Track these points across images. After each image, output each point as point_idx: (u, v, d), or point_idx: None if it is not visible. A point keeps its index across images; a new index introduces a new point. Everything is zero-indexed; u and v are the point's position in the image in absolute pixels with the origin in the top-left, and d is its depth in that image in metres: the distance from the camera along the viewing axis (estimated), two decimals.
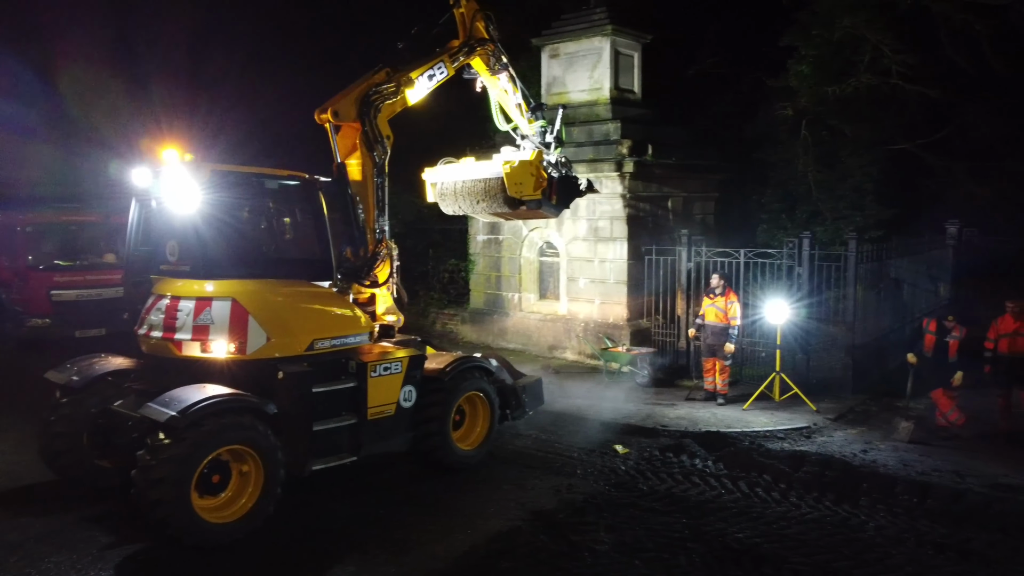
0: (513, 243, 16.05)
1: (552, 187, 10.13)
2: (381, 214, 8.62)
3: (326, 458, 7.52)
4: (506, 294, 16.29)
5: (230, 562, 6.58)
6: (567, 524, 7.37)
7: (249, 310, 7.24)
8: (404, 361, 8.19)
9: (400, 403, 8.14)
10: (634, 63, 16.18)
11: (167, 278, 7.70)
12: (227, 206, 7.48)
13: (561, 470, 8.91)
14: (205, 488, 6.69)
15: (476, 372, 8.91)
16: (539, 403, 10.17)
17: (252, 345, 7.22)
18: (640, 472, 8.82)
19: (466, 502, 7.93)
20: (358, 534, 7.13)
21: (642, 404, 11.90)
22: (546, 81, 16.41)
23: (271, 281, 7.68)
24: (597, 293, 14.83)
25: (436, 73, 9.36)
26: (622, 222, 14.44)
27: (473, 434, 9.05)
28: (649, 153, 14.54)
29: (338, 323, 7.92)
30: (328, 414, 7.54)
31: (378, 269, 8.43)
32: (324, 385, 7.53)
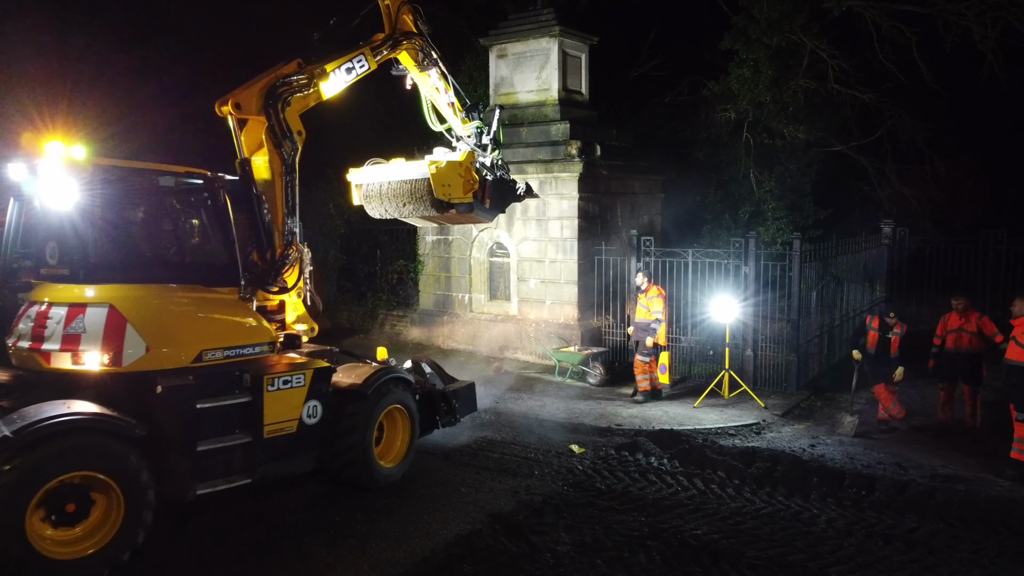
0: (463, 243, 16.00)
1: (485, 190, 9.75)
2: (291, 215, 8.10)
3: (213, 481, 6.74)
4: (456, 295, 16.24)
5: None
6: (527, 525, 7.36)
7: (128, 318, 6.52)
8: (308, 374, 7.43)
9: (303, 419, 7.41)
10: (581, 64, 16.30)
11: (44, 283, 6.94)
12: (113, 204, 6.85)
13: (518, 471, 8.90)
14: (59, 518, 5.90)
15: (396, 384, 8.38)
16: (471, 409, 9.90)
17: (129, 356, 6.48)
18: (596, 471, 8.88)
19: (422, 507, 7.82)
20: (307, 543, 6.98)
21: (595, 404, 11.99)
22: (494, 81, 16.41)
23: (161, 287, 7.02)
24: (548, 293, 14.89)
25: (356, 66, 8.90)
26: (572, 222, 14.53)
27: (393, 450, 8.48)
28: (598, 154, 14.66)
29: (233, 332, 7.26)
30: (216, 432, 6.77)
31: (287, 274, 7.92)
32: (211, 400, 6.76)
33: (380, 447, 8.32)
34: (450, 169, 9.26)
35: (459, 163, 9.40)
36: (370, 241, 18.55)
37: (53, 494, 5.84)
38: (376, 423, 8.09)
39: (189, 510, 7.08)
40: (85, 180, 6.52)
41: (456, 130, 10.18)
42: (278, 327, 8.01)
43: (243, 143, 7.93)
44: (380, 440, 8.35)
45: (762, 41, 17.53)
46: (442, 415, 9.25)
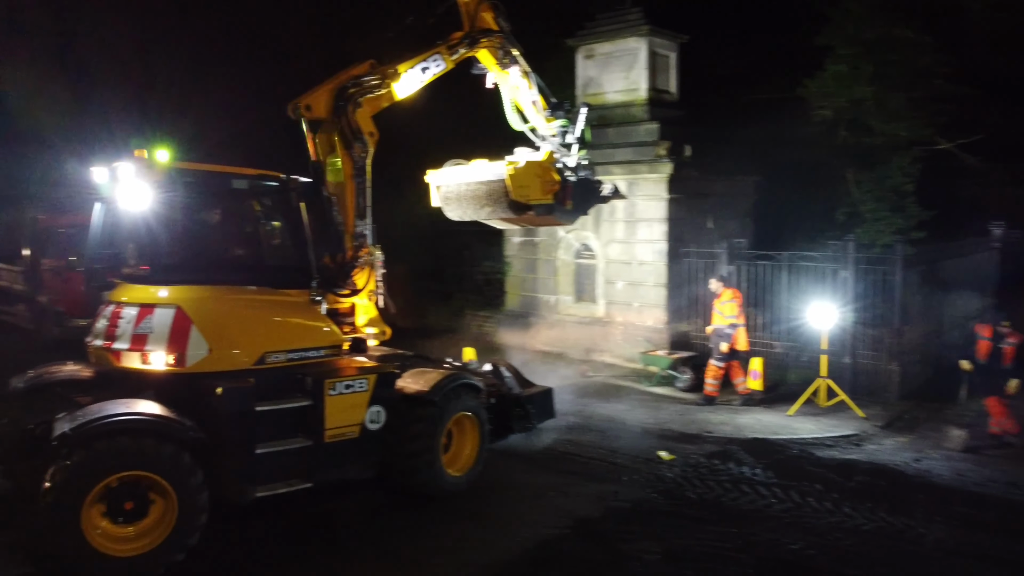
0: (549, 245, 15.94)
1: (567, 191, 9.38)
2: (362, 217, 8.00)
3: (272, 484, 6.70)
4: (542, 296, 16.19)
5: None
6: (614, 532, 7.24)
7: (193, 319, 6.53)
8: (371, 378, 7.31)
9: (366, 425, 7.28)
10: (670, 63, 16.01)
11: (123, 284, 7.11)
12: (187, 207, 6.93)
13: (605, 477, 8.77)
14: (118, 516, 5.97)
15: (466, 391, 8.08)
16: (549, 415, 9.59)
17: (192, 357, 6.49)
18: (687, 479, 8.66)
19: (507, 510, 7.79)
20: (389, 542, 7.01)
21: (684, 409, 11.73)
22: (581, 82, 16.29)
23: (230, 289, 7.04)
24: (635, 296, 14.67)
25: (431, 66, 8.71)
26: (661, 224, 14.28)
27: (462, 458, 8.18)
28: (687, 154, 14.36)
29: (297, 335, 7.17)
30: (276, 435, 6.73)
31: (357, 276, 7.85)
32: (271, 403, 6.70)
33: (448, 455, 8.04)
34: (528, 170, 9.02)
35: (538, 164, 9.14)
36: (457, 242, 18.70)
37: (113, 492, 5.90)
38: (444, 431, 7.81)
39: (279, 509, 7.25)
40: (159, 183, 6.61)
41: (539, 129, 9.89)
42: (349, 330, 7.96)
43: (316, 145, 7.95)
44: (448, 448, 8.07)
45: (860, 36, 16.82)
46: (516, 421, 9.02)
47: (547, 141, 9.76)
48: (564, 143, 9.72)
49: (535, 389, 9.53)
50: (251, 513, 7.04)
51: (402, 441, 7.51)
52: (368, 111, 8.13)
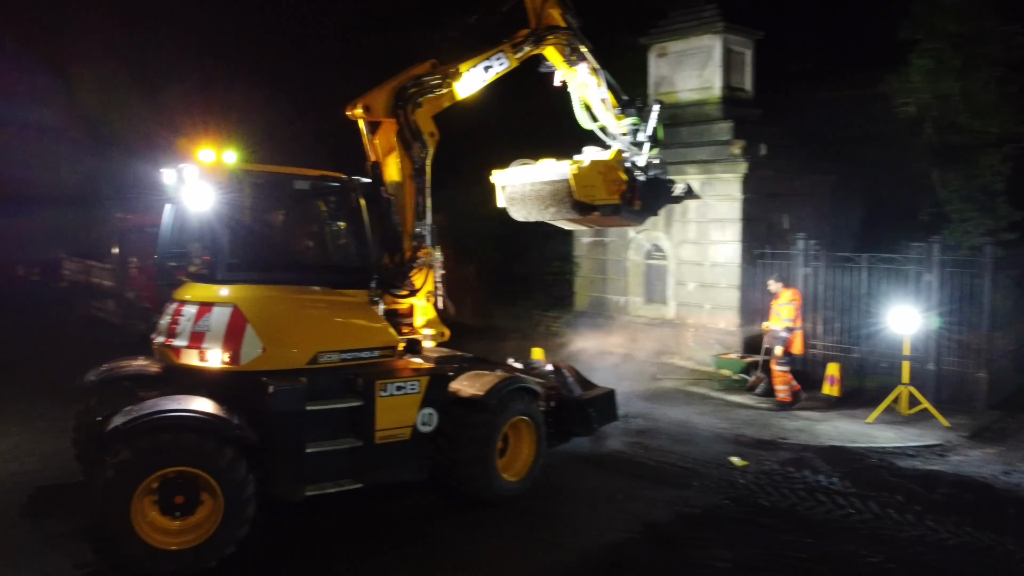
0: (619, 245, 15.80)
1: (635, 191, 9.08)
2: (421, 218, 7.97)
3: (322, 483, 6.77)
4: (611, 297, 16.05)
5: None
6: (684, 538, 7.12)
7: (248, 318, 6.65)
8: (423, 381, 7.27)
9: (417, 427, 7.24)
10: (746, 60, 15.67)
11: (188, 282, 7.33)
12: (248, 207, 7.06)
13: (675, 481, 8.63)
14: (169, 509, 6.07)
15: (522, 395, 7.90)
16: (610, 418, 9.34)
17: (246, 356, 6.61)
18: (759, 486, 8.45)
19: (575, 513, 7.73)
20: (457, 540, 7.03)
21: (757, 414, 11.46)
22: (653, 81, 16.09)
23: (288, 288, 7.17)
24: (707, 298, 14.41)
25: (494, 65, 8.60)
26: (734, 225, 13.98)
27: (517, 463, 7.99)
28: (762, 154, 14.03)
29: (351, 335, 7.19)
30: (326, 435, 6.79)
31: (414, 277, 7.82)
32: (322, 403, 6.75)
33: (504, 459, 7.88)
34: (593, 169, 8.80)
35: (604, 163, 8.89)
36: (525, 242, 18.70)
37: (165, 486, 6.01)
38: (499, 436, 7.65)
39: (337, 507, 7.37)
40: (221, 184, 6.77)
41: (609, 128, 9.69)
42: (408, 331, 7.94)
43: (375, 146, 7.99)
44: (504, 452, 7.91)
45: (947, 29, 16.12)
46: (577, 424, 8.84)
47: (617, 140, 9.55)
48: (635, 142, 9.47)
49: (596, 391, 9.31)
50: (306, 511, 7.15)
51: (456, 445, 7.39)
52: (429, 111, 8.08)
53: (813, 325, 13.03)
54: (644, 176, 9.34)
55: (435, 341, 8.29)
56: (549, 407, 8.61)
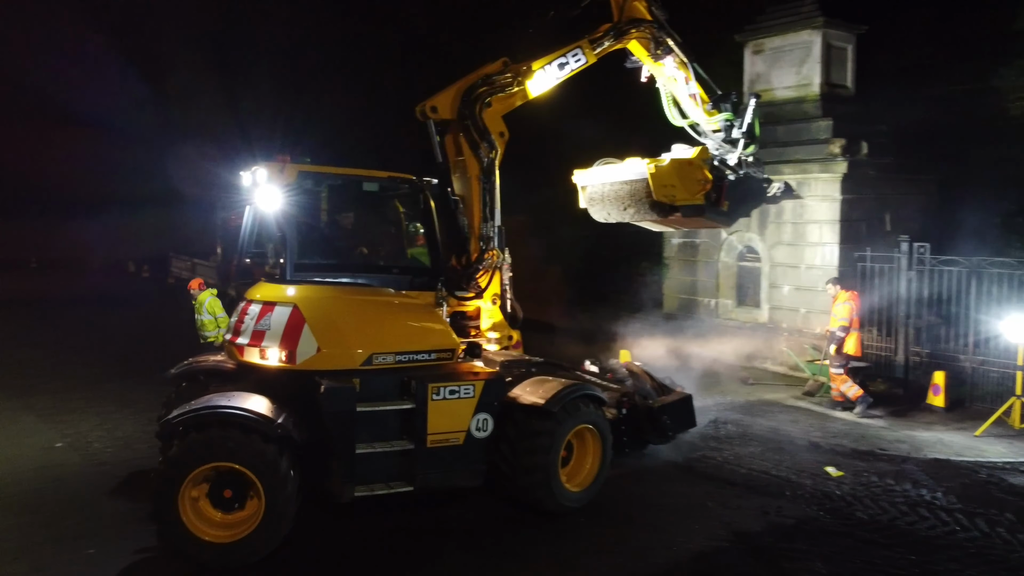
0: (710, 247, 15.50)
1: (722, 191, 8.68)
2: (488, 219, 7.77)
3: (372, 484, 6.74)
4: (701, 299, 15.77)
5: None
6: (777, 549, 6.92)
7: (306, 318, 6.70)
8: (478, 385, 7.07)
9: (471, 432, 7.06)
10: (847, 56, 15.13)
11: (260, 282, 7.45)
12: (317, 209, 7.15)
13: (766, 490, 8.40)
14: (220, 504, 6.28)
15: (587, 403, 7.60)
16: (687, 425, 9.03)
17: (301, 355, 6.66)
18: (856, 498, 8.14)
19: (664, 519, 7.62)
20: (543, 541, 7.04)
21: (854, 423, 11.03)
22: (748, 78, 15.72)
23: (350, 289, 7.20)
24: (802, 302, 13.98)
25: (570, 61, 8.33)
26: (832, 227, 13.52)
27: (582, 472, 7.70)
28: (863, 152, 13.51)
29: (408, 337, 7.08)
30: (377, 437, 6.76)
31: (481, 279, 7.67)
32: (374, 404, 6.72)
33: (567, 468, 7.64)
34: (673, 168, 8.41)
35: (685, 161, 8.51)
36: (613, 243, 18.56)
37: (216, 480, 6.21)
38: (562, 444, 7.39)
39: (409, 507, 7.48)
40: (289, 186, 6.90)
41: (700, 124, 9.31)
42: (475, 333, 7.85)
43: (445, 147, 7.89)
44: (568, 461, 7.67)
45: None
46: (649, 432, 8.58)
47: (709, 137, 9.18)
48: (729, 138, 9.09)
49: (671, 397, 9.01)
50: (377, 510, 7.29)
51: (517, 453, 7.22)
52: (499, 110, 7.94)
53: (917, 331, 12.46)
54: (734, 175, 8.97)
55: (501, 345, 8.11)
56: (620, 414, 8.44)
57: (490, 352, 8.18)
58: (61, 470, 8.59)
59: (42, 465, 8.72)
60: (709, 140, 9.19)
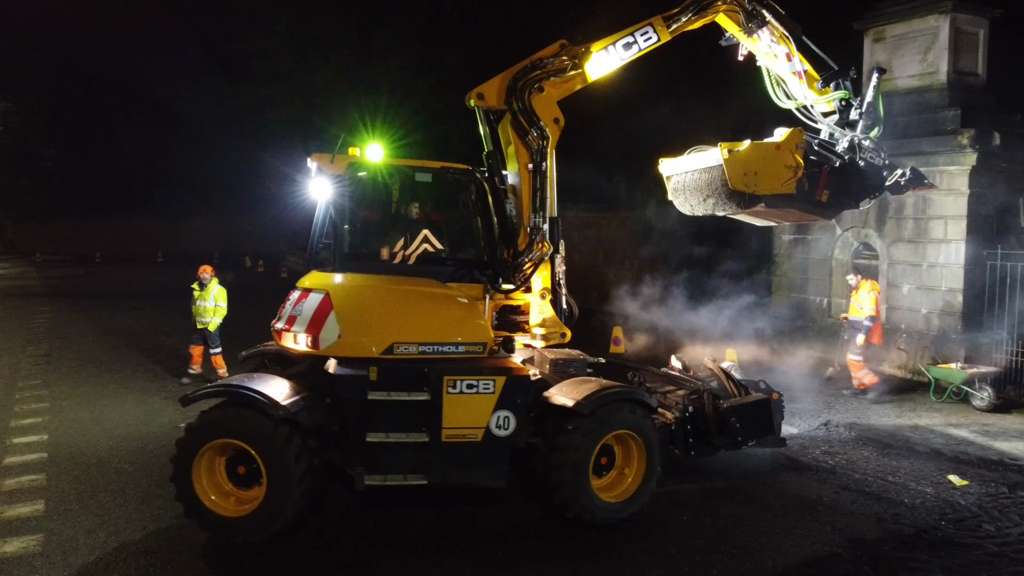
0: (824, 243, 14.88)
1: (820, 179, 7.82)
2: (539, 210, 7.32)
3: (385, 475, 6.62)
4: (812, 298, 15.17)
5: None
6: (895, 558, 6.56)
7: (334, 305, 6.71)
8: (498, 381, 6.74)
9: (491, 429, 6.74)
10: (978, 41, 14.20)
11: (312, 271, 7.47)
12: (369, 199, 7.17)
13: (883, 496, 7.99)
14: (235, 478, 6.49)
15: (630, 407, 7.04)
16: (764, 431, 8.18)
17: (324, 341, 6.69)
18: (983, 509, 7.63)
19: (774, 520, 7.36)
20: (644, 539, 6.91)
21: (980, 431, 10.35)
22: (867, 68, 14.91)
23: (388, 278, 7.11)
24: (924, 301, 13.23)
25: (638, 40, 7.66)
26: (959, 222, 12.73)
27: (624, 482, 7.15)
28: (995, 143, 12.65)
29: (435, 328, 6.88)
30: (393, 427, 6.62)
31: (527, 272, 7.29)
32: (388, 393, 6.60)
33: (608, 478, 7.18)
34: (754, 153, 7.59)
35: (770, 145, 7.70)
36: (718, 237, 18.07)
37: (235, 457, 6.43)
38: (595, 449, 6.88)
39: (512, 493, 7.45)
40: (340, 176, 7.00)
41: (811, 105, 8.39)
42: (525, 329, 7.51)
43: (499, 136, 7.55)
44: (608, 469, 7.19)
45: None
46: (717, 436, 8.01)
47: (822, 121, 8.38)
48: (846, 120, 8.22)
49: (746, 399, 8.25)
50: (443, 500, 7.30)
51: (545, 456, 6.87)
52: (553, 95, 7.51)
53: None
54: (839, 161, 8.03)
55: (549, 341, 7.65)
56: (686, 414, 7.99)
57: (541, 350, 7.87)
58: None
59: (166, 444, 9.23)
60: (823, 124, 8.43)
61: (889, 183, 8.37)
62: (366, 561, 6.35)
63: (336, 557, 6.41)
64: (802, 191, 7.79)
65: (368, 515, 7.22)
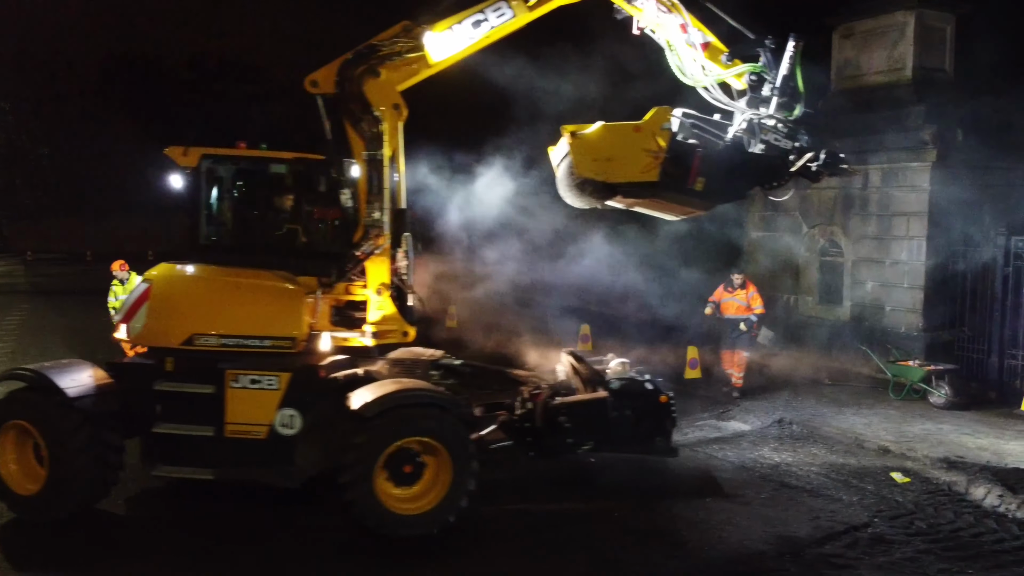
0: (790, 241, 14.81)
1: (691, 166, 6.72)
2: (374, 202, 6.90)
3: (172, 467, 6.62)
4: (781, 295, 15.09)
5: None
6: (821, 556, 6.54)
7: (152, 295, 6.83)
8: (283, 377, 6.53)
9: (275, 428, 6.52)
10: (945, 37, 14.11)
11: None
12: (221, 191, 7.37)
13: (822, 494, 7.94)
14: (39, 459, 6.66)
15: (430, 412, 6.55)
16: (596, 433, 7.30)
17: (132, 331, 6.86)
18: (919, 507, 7.59)
19: (703, 513, 7.35)
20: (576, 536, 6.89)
21: (934, 428, 10.29)
22: (836, 65, 14.92)
23: (217, 270, 7.04)
24: (887, 298, 13.17)
25: (489, 18, 6.82)
26: (921, 219, 12.66)
27: (431, 493, 6.57)
28: (959, 140, 12.58)
29: (243, 321, 6.72)
30: (176, 417, 6.57)
31: (353, 266, 6.98)
32: (171, 385, 6.56)
33: (415, 488, 6.59)
34: (607, 137, 6.71)
35: (627, 127, 6.73)
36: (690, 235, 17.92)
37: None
38: (381, 455, 6.39)
39: None
40: (195, 170, 7.14)
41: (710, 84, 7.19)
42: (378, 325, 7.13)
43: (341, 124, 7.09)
44: (417, 478, 6.60)
45: None
46: (547, 437, 7.32)
47: (724, 98, 7.19)
48: (759, 96, 7.09)
49: (579, 397, 7.55)
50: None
51: (336, 460, 6.52)
52: (392, 80, 6.97)
53: (1013, 332, 11.53)
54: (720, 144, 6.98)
55: (386, 340, 7.19)
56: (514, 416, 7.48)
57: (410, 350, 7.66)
58: None
59: None
60: (721, 102, 7.25)
61: (795, 168, 7.09)
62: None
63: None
64: (670, 178, 6.76)
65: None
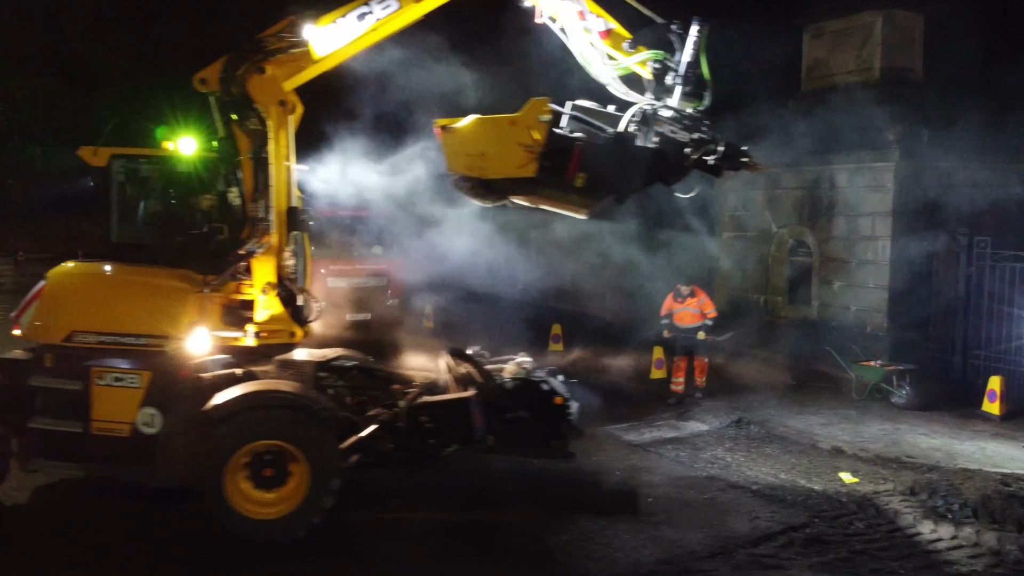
0: (760, 241, 14.82)
1: (571, 160, 6.25)
2: (259, 199, 6.85)
3: (46, 462, 6.72)
4: (751, 296, 15.07)
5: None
6: (753, 555, 6.49)
7: (44, 292, 6.89)
8: (144, 376, 6.58)
9: (137, 426, 6.54)
10: (914, 37, 14.12)
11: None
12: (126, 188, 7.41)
13: (766, 494, 7.89)
14: None
15: (278, 414, 6.46)
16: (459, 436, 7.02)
17: (22, 326, 6.89)
18: (861, 507, 7.53)
19: (640, 514, 7.33)
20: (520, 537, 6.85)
21: (891, 428, 10.26)
22: (807, 65, 14.95)
23: (116, 268, 7.11)
24: (853, 299, 13.16)
25: (375, 10, 6.61)
26: (885, 220, 12.66)
27: (295, 498, 6.47)
28: (924, 140, 12.55)
29: (120, 318, 6.75)
30: (49, 413, 6.64)
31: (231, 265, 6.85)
32: (45, 380, 6.63)
33: (277, 492, 6.48)
34: (480, 131, 6.36)
35: (503, 120, 6.35)
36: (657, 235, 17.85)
37: None
38: (228, 456, 6.34)
39: None
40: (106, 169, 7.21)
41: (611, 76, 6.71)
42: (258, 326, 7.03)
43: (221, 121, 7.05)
44: (281, 482, 6.48)
45: None
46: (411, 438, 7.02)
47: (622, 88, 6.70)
48: (662, 86, 6.65)
49: (441, 396, 7.32)
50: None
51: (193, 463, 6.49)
52: (279, 76, 6.85)
53: (976, 332, 11.50)
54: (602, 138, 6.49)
55: (269, 340, 7.02)
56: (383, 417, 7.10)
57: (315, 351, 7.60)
58: None
59: None
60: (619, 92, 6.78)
61: (690, 162, 6.54)
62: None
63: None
64: (548, 174, 6.32)
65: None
